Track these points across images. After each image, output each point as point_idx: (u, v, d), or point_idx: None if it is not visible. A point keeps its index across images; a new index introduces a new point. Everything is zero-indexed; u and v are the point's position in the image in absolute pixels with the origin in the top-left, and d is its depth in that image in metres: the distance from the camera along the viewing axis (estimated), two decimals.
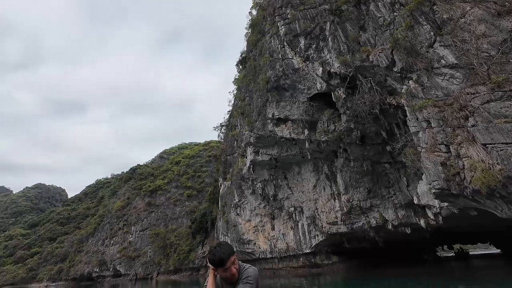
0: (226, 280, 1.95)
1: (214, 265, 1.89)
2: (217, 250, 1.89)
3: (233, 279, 1.91)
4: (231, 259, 1.88)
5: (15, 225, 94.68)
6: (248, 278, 1.87)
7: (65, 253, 66.60)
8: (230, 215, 27.66)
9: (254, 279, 1.88)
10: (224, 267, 1.86)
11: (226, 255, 1.87)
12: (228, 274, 1.88)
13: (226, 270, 1.87)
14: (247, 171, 23.76)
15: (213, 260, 1.88)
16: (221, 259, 1.85)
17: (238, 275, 1.92)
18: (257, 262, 26.29)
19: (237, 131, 29.80)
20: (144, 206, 61.27)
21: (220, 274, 1.93)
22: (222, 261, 1.85)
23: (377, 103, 12.61)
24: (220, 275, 1.95)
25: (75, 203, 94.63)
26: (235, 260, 1.93)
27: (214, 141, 78.07)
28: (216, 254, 1.88)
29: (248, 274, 1.90)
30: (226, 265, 1.85)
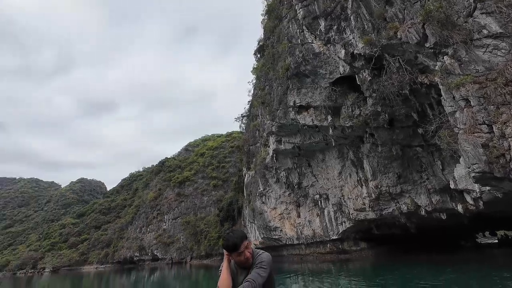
0: (240, 265, 1.97)
1: (228, 250, 1.91)
2: (230, 236, 1.93)
3: (247, 263, 1.92)
4: (244, 244, 1.89)
5: (65, 215, 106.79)
6: (262, 263, 1.88)
7: (109, 240, 73.96)
8: (255, 203, 28.41)
9: (267, 264, 1.89)
10: (238, 251, 1.87)
11: (239, 240, 1.88)
12: (242, 258, 1.89)
13: (240, 255, 1.88)
14: (270, 160, 23.97)
15: (227, 245, 1.90)
16: (234, 243, 1.87)
17: (252, 260, 1.93)
18: (284, 248, 26.97)
19: (258, 121, 29.91)
20: (174, 196, 65.12)
21: (234, 259, 1.94)
22: (235, 246, 1.87)
23: (406, 83, 11.81)
24: (234, 260, 1.96)
25: (114, 195, 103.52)
26: (249, 245, 1.94)
27: (236, 132, 79.19)
28: (230, 239, 1.90)
29: (262, 259, 1.91)
30: (240, 249, 1.87)
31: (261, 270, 1.83)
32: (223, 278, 1.89)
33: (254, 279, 1.75)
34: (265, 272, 1.84)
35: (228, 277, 1.90)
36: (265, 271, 1.84)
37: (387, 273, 11.97)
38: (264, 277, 1.81)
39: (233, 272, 1.97)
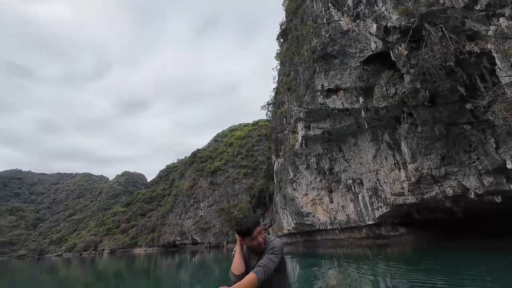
0: (253, 249, 2.03)
1: (242, 234, 1.97)
2: (244, 221, 1.99)
3: (260, 248, 1.98)
4: (257, 229, 1.94)
5: (115, 205, 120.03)
6: (274, 249, 1.92)
7: (154, 226, 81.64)
8: (286, 190, 28.70)
9: (279, 250, 1.94)
10: (251, 236, 1.93)
11: (252, 225, 1.94)
12: (255, 243, 1.95)
13: (253, 240, 1.94)
14: (300, 147, 23.76)
15: (240, 230, 1.96)
16: (248, 228, 1.93)
17: (264, 245, 1.99)
18: (318, 233, 27.10)
19: (285, 108, 29.55)
20: (208, 185, 68.67)
21: (247, 244, 2.00)
22: (249, 231, 1.92)
23: (451, 54, 10.58)
24: (247, 245, 2.02)
25: (154, 186, 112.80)
26: (261, 231, 1.99)
27: (262, 120, 79.27)
28: (243, 224, 1.96)
29: (274, 245, 1.96)
30: (253, 234, 1.92)
31: (273, 255, 1.87)
32: (236, 262, 1.96)
33: (266, 264, 1.79)
34: (277, 257, 1.88)
35: (241, 261, 1.97)
36: (277, 256, 1.88)
37: (431, 257, 11.43)
38: (275, 262, 1.86)
39: (245, 257, 2.04)
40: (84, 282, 14.27)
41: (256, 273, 1.71)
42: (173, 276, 13.90)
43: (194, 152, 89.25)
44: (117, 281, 12.77)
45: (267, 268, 1.76)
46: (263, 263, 1.79)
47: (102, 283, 13.42)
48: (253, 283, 1.65)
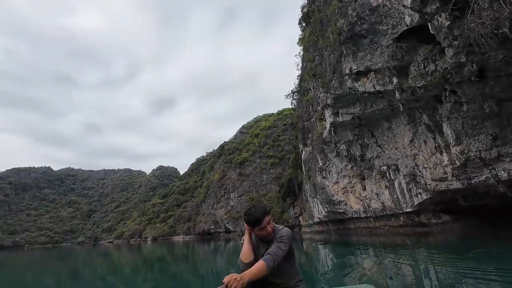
0: (261, 239, 2.06)
1: (251, 224, 1.99)
2: (253, 211, 2.01)
3: (268, 237, 2.00)
4: (266, 219, 1.96)
5: (153, 196, 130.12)
6: (283, 237, 1.94)
7: (189, 215, 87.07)
8: (316, 179, 28.36)
9: (287, 238, 1.96)
10: (260, 226, 1.95)
11: (261, 215, 1.96)
12: (264, 232, 1.98)
13: (262, 229, 1.96)
14: (328, 134, 23.12)
15: (249, 220, 1.99)
16: (257, 218, 1.95)
17: (273, 234, 2.01)
18: (350, 221, 26.54)
19: (311, 95, 28.73)
20: (237, 176, 70.62)
21: (256, 233, 2.03)
22: (258, 220, 1.94)
23: (506, 18, 9.26)
24: (256, 234, 2.05)
25: (186, 178, 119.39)
26: (270, 221, 2.01)
27: (287, 109, 78.08)
28: (252, 214, 1.98)
29: (282, 234, 1.98)
30: (262, 224, 1.95)
31: (282, 244, 1.89)
32: (245, 251, 1.98)
33: (275, 252, 1.82)
34: (285, 246, 1.90)
35: (250, 249, 1.99)
36: (285, 245, 1.91)
37: (482, 246, 10.59)
38: (284, 250, 1.88)
39: (254, 245, 2.06)
40: (134, 264, 15.95)
41: (265, 260, 1.74)
42: (210, 260, 14.84)
43: (222, 145, 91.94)
44: (161, 264, 14.10)
45: (276, 256, 1.79)
46: (272, 251, 1.82)
47: (149, 265, 14.90)
48: (262, 270, 1.68)
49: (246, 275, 1.57)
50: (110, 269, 14.39)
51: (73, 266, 16.49)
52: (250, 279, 1.58)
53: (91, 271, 13.51)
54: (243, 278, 1.53)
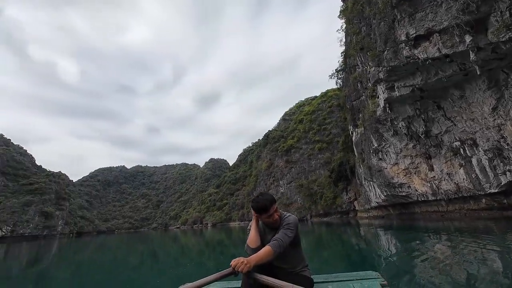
0: (268, 226, 2.07)
1: (258, 211, 1.99)
2: (260, 199, 2.00)
3: (275, 224, 2.02)
4: (273, 207, 1.97)
5: (208, 187, 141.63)
6: (289, 224, 1.95)
7: (242, 203, 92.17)
8: (371, 161, 26.43)
9: (294, 225, 1.97)
10: (268, 214, 1.96)
11: (268, 202, 1.96)
12: (271, 220, 1.99)
13: (269, 217, 1.97)
14: (382, 112, 21.07)
15: (257, 207, 1.99)
16: (264, 205, 1.95)
17: (280, 221, 2.02)
18: (416, 205, 24.12)
19: (358, 72, 26.40)
20: (284, 164, 70.96)
21: (263, 220, 2.04)
22: (265, 208, 1.95)
23: None
24: (263, 221, 2.07)
25: (236, 169, 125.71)
26: (277, 208, 2.02)
27: (331, 90, 73.53)
28: (260, 201, 1.98)
29: (289, 221, 1.98)
30: (269, 211, 1.95)
31: (288, 231, 1.90)
32: (252, 236, 2.00)
33: (281, 238, 1.84)
34: (292, 232, 1.92)
35: (257, 235, 2.01)
36: (292, 231, 1.92)
37: None
38: (290, 237, 1.90)
39: (261, 232, 2.08)
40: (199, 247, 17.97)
41: (272, 246, 1.76)
42: None
43: (266, 134, 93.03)
44: (221, 248, 15.48)
45: (282, 242, 1.82)
46: (279, 237, 1.84)
47: (212, 247, 16.60)
48: (269, 254, 1.72)
49: (252, 259, 1.62)
50: (179, 250, 16.63)
51: (151, 247, 19.69)
52: (256, 263, 1.62)
53: (165, 251, 15.90)
54: (249, 261, 1.58)
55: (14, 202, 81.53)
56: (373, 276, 2.35)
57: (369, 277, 2.34)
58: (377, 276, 2.35)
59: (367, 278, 2.30)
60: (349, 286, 2.14)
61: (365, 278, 2.30)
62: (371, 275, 2.37)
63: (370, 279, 2.28)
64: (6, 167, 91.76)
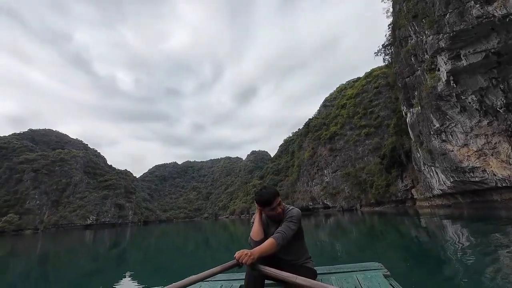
0: (272, 219, 2.08)
1: (261, 204, 2.01)
2: (264, 192, 2.01)
3: (278, 217, 2.02)
4: (276, 200, 1.98)
5: (252, 178, 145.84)
6: (292, 217, 1.95)
7: (286, 193, 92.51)
8: (432, 144, 23.41)
9: (297, 218, 1.97)
10: (271, 207, 1.98)
11: (271, 196, 1.97)
12: (274, 213, 2.00)
13: (272, 210, 1.99)
14: (445, 86, 18.30)
15: (260, 200, 2.01)
16: (267, 199, 1.97)
17: (283, 214, 2.02)
18: (494, 192, 20.63)
19: (412, 43, 23.29)
20: (328, 152, 68.19)
21: (266, 213, 2.06)
22: (268, 201, 1.96)
23: None
24: (266, 214, 2.08)
25: (277, 160, 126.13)
26: (280, 202, 2.03)
27: (376, 69, 66.85)
28: (263, 195, 2.00)
29: (292, 214, 1.99)
30: (273, 205, 1.97)
31: (291, 223, 1.91)
32: (255, 229, 2.03)
33: (285, 230, 1.85)
34: (295, 225, 1.92)
35: (260, 228, 2.04)
36: (295, 224, 1.93)
37: None
38: (293, 229, 1.90)
39: (264, 224, 2.10)
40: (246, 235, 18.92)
41: (275, 238, 1.78)
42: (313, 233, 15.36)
43: (307, 123, 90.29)
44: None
45: (285, 234, 1.83)
46: (282, 230, 1.86)
47: None
48: (272, 247, 1.73)
49: (256, 251, 1.64)
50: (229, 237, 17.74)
51: (204, 234, 21.53)
52: (260, 255, 1.63)
53: (217, 238, 17.16)
54: (253, 253, 1.59)
55: (95, 196, 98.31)
56: (376, 266, 2.34)
57: (372, 267, 2.32)
58: (380, 266, 2.33)
59: (370, 269, 2.29)
60: (352, 277, 2.12)
61: (368, 269, 2.29)
62: (373, 266, 2.36)
63: (373, 269, 2.27)
64: (87, 168, 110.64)
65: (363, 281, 1.99)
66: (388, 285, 1.90)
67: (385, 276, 2.10)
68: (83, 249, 16.30)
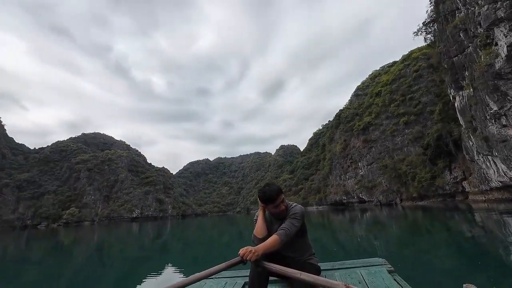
0: (275, 215, 2.09)
1: (265, 201, 2.03)
2: (267, 189, 2.03)
3: (281, 214, 2.04)
4: (280, 197, 2.00)
5: (282, 173, 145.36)
6: (296, 214, 1.97)
7: (318, 187, 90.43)
8: (488, 130, 20.64)
9: (300, 215, 1.99)
10: (274, 204, 2.00)
11: (275, 193, 2.00)
12: (278, 210, 2.02)
13: (276, 207, 2.01)
14: (505, 62, 15.88)
15: (263, 197, 2.03)
16: (270, 196, 1.99)
17: (286, 211, 2.03)
18: None
19: (460, 17, 20.58)
20: (361, 144, 64.59)
21: (269, 211, 2.08)
22: (271, 198, 1.98)
23: None
24: (269, 211, 2.09)
25: (307, 153, 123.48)
26: (284, 199, 2.04)
27: (415, 50, 60.89)
28: (266, 192, 2.02)
29: (295, 211, 2.00)
30: (276, 202, 1.99)
31: (295, 220, 1.93)
32: (259, 226, 2.05)
33: (288, 227, 1.86)
34: (298, 222, 1.94)
35: (264, 225, 2.06)
36: (298, 221, 1.95)
37: None
38: (297, 226, 1.92)
39: (268, 221, 2.12)
40: None
41: (279, 235, 1.80)
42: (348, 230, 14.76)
43: (338, 114, 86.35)
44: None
45: (289, 231, 1.84)
46: (285, 227, 1.87)
47: None
48: (276, 243, 1.74)
49: (260, 248, 1.65)
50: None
51: (237, 227, 22.21)
52: (264, 252, 1.64)
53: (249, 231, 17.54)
54: (257, 250, 1.61)
55: (139, 192, 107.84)
56: (380, 262, 2.31)
57: (376, 263, 2.30)
58: (384, 262, 2.31)
59: (374, 265, 2.26)
60: (356, 272, 2.11)
61: (372, 265, 2.26)
62: (377, 262, 2.33)
63: (377, 265, 2.25)
64: (131, 166, 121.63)
65: (367, 277, 2.00)
66: (393, 280, 1.89)
67: (389, 272, 2.08)
68: (131, 239, 18.26)
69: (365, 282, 1.92)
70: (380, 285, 1.83)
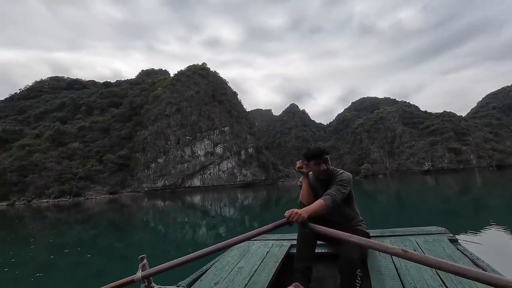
0: (318, 176, 2.00)
1: (308, 157, 1.96)
2: (312, 146, 1.98)
3: (324, 175, 1.95)
4: (325, 156, 1.93)
5: None
6: (343, 180, 1.88)
7: None
8: None
9: (348, 182, 1.89)
10: (317, 160, 1.92)
11: (318, 151, 1.93)
12: (319, 168, 1.93)
13: (318, 164, 1.93)
14: None
15: (308, 152, 1.96)
16: (318, 149, 1.93)
17: (331, 176, 1.95)
18: None
19: None
20: None
21: (312, 169, 1.99)
22: (318, 153, 1.93)
23: None
24: (311, 170, 2.00)
25: None
26: (328, 161, 1.95)
27: None
28: (311, 148, 1.97)
29: (343, 177, 1.90)
30: (322, 158, 1.91)
31: (341, 187, 1.85)
32: (304, 192, 2.03)
33: (334, 193, 1.79)
34: (345, 189, 1.87)
35: (309, 191, 2.03)
36: (346, 188, 1.87)
37: None
38: (344, 193, 1.85)
39: (313, 187, 2.07)
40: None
41: (325, 199, 1.72)
42: None
43: None
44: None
45: (335, 196, 1.76)
46: (332, 192, 1.79)
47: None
48: (321, 208, 1.68)
49: (305, 211, 1.59)
50: None
51: None
52: (309, 215, 1.57)
53: None
54: (303, 212, 1.55)
55: (423, 144, 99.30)
56: (439, 231, 2.14)
57: (435, 232, 2.13)
58: (444, 231, 2.13)
59: (432, 233, 2.09)
60: (410, 240, 1.97)
61: (429, 233, 2.09)
62: (436, 230, 2.15)
63: (435, 234, 2.07)
64: (404, 119, 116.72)
65: (423, 245, 1.85)
66: (455, 249, 1.72)
67: (451, 241, 1.89)
68: (429, 190, 18.11)
69: (421, 250, 1.75)
70: (441, 254, 1.66)
